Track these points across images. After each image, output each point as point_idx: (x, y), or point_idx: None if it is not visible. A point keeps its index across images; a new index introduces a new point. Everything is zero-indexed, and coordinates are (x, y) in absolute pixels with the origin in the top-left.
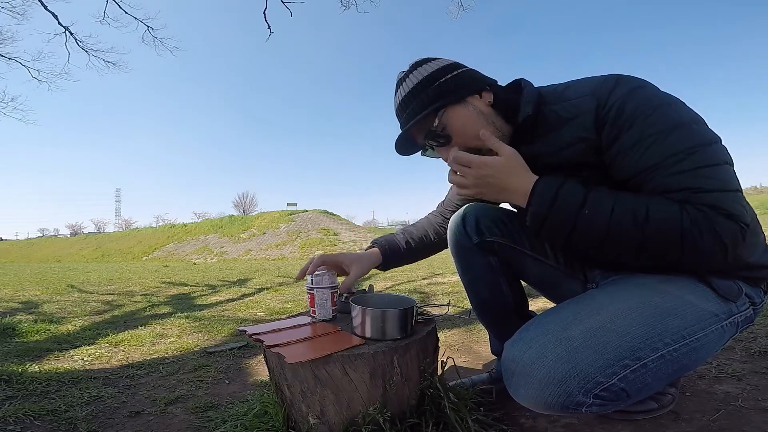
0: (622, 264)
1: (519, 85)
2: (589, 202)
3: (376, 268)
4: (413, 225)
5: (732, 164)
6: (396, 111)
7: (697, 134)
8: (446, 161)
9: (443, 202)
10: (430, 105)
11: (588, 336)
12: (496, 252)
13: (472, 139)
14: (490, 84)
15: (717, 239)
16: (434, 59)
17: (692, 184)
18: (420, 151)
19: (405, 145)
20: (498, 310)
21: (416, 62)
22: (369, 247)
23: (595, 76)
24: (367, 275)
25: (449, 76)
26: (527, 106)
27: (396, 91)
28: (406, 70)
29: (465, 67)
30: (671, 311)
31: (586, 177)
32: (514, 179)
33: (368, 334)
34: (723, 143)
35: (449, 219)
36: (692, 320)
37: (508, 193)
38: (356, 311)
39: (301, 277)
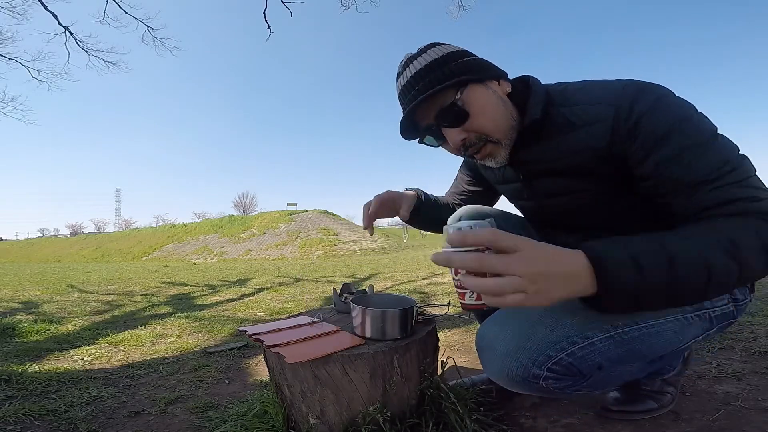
0: None
1: (527, 82)
2: (672, 253)
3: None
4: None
5: None
6: (403, 87)
7: (729, 146)
8: (450, 148)
9: (450, 190)
10: (453, 78)
11: (543, 315)
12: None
13: (489, 122)
14: (506, 75)
15: None
16: (448, 44)
17: (746, 194)
18: (419, 137)
19: (407, 128)
20: (496, 309)
21: (429, 44)
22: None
23: (612, 81)
24: (367, 275)
25: (470, 57)
26: (536, 107)
27: (403, 70)
28: (415, 51)
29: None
30: None
31: (588, 185)
32: (563, 258)
33: (368, 334)
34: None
35: (457, 206)
36: None
37: (572, 279)
38: (356, 311)
39: (369, 223)
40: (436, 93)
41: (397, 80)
